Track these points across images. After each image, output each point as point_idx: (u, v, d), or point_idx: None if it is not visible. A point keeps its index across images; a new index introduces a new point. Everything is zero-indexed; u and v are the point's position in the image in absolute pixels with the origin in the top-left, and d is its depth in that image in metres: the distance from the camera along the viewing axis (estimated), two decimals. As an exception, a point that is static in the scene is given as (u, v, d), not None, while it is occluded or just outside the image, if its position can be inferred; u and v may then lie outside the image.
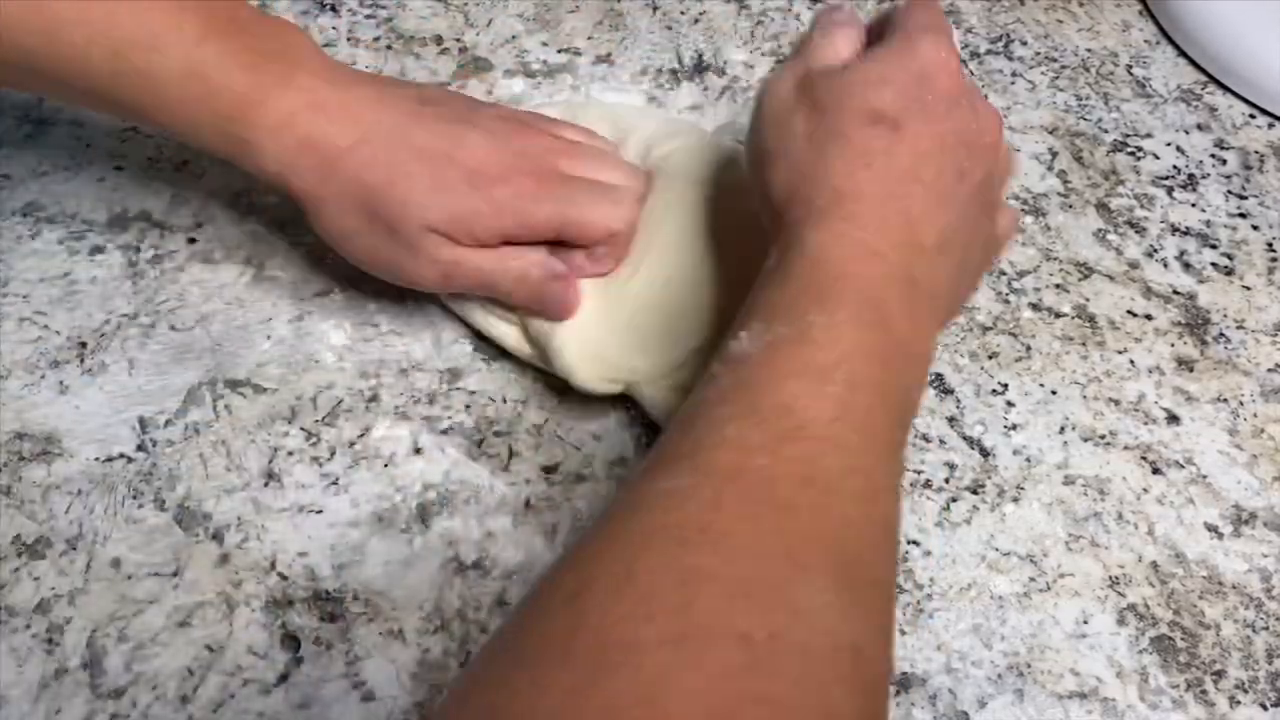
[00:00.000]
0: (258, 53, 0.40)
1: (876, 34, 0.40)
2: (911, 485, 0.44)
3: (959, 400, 0.47)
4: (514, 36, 0.60)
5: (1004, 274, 0.51)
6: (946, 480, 0.45)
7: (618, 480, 0.44)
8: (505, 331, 0.45)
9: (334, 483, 0.43)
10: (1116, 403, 0.47)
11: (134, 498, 0.42)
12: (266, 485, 0.43)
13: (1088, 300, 0.51)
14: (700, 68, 0.59)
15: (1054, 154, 0.57)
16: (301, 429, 0.44)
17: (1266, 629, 0.41)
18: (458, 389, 0.46)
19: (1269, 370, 0.49)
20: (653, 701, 0.24)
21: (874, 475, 0.31)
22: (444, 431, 0.44)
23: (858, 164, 0.35)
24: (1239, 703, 0.40)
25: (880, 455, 0.31)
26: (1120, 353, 0.49)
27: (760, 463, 0.29)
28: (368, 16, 0.60)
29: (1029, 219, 0.54)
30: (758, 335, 0.32)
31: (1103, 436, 0.46)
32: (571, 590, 0.27)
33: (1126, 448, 0.46)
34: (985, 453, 0.46)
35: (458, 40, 0.59)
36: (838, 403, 0.31)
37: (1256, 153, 0.58)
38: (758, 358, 0.32)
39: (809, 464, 0.29)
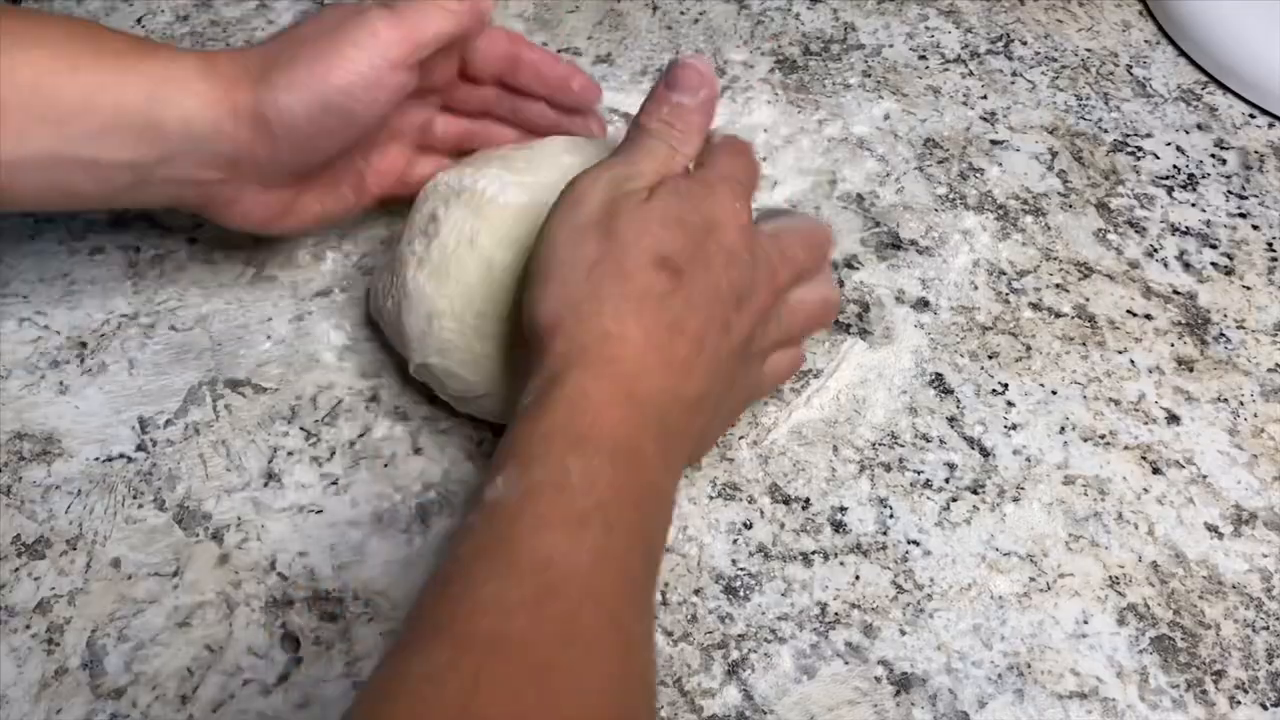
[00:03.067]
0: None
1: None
2: (911, 485, 0.44)
3: (959, 400, 0.47)
4: (514, 36, 0.60)
5: (1004, 274, 0.51)
6: (946, 480, 0.45)
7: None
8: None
9: (334, 483, 0.43)
10: (1116, 403, 0.47)
11: (134, 498, 0.42)
12: (266, 485, 0.43)
13: (1088, 300, 0.51)
14: (700, 68, 0.59)
15: (1054, 154, 0.57)
16: (301, 429, 0.44)
17: (1266, 629, 0.41)
18: (458, 389, 0.46)
19: (1269, 370, 0.49)
20: None
21: (632, 627, 0.31)
22: (444, 431, 0.44)
23: (630, 307, 0.35)
24: (1239, 703, 0.40)
25: (636, 602, 0.32)
26: (1120, 353, 0.49)
27: (520, 625, 0.29)
28: (368, 16, 0.60)
29: (1029, 219, 0.54)
30: (514, 480, 0.31)
31: (1103, 436, 0.46)
32: None
33: (1126, 448, 0.46)
34: (985, 453, 0.46)
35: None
36: (595, 551, 0.31)
37: (1256, 153, 0.58)
38: (515, 506, 0.31)
39: (569, 622, 0.29)
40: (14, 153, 0.37)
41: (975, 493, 0.44)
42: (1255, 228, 0.55)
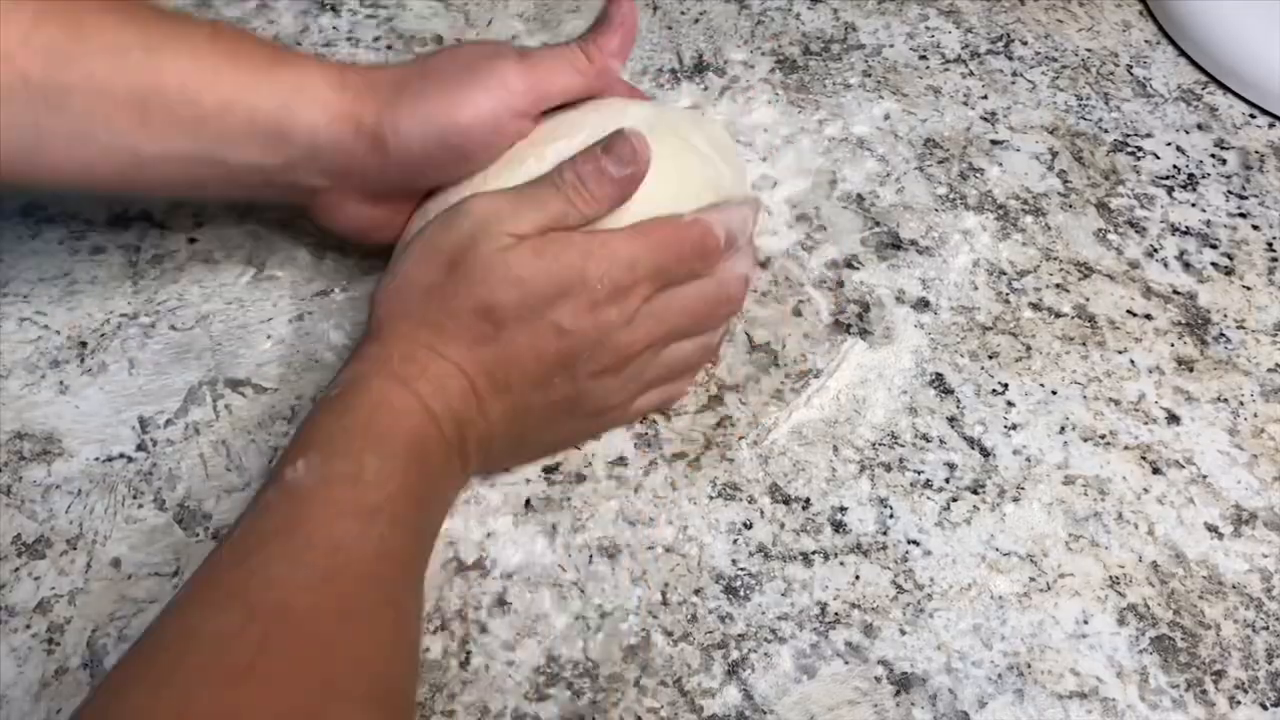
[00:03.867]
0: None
1: None
2: (911, 485, 0.44)
3: (959, 400, 0.47)
4: (514, 36, 0.60)
5: (1004, 274, 0.51)
6: (946, 480, 0.45)
7: (617, 480, 0.44)
8: None
9: (334, 483, 0.43)
10: (1116, 403, 0.47)
11: (134, 497, 0.42)
12: (266, 485, 0.43)
13: (1088, 300, 0.51)
14: (700, 67, 0.59)
15: (1054, 154, 0.57)
16: (301, 429, 0.44)
17: (1266, 629, 0.41)
18: (458, 389, 0.46)
19: (1269, 370, 0.49)
20: None
21: (405, 605, 0.35)
22: (444, 431, 0.44)
23: (445, 339, 0.37)
24: (1239, 703, 0.40)
25: (410, 585, 0.35)
26: (1120, 353, 0.49)
27: (306, 601, 0.32)
28: (368, 16, 0.60)
29: (1029, 219, 0.54)
30: (314, 468, 0.34)
31: (1103, 436, 0.46)
32: None
33: (1126, 448, 0.46)
34: (985, 453, 0.46)
35: (458, 40, 0.59)
36: (380, 542, 0.34)
37: (1256, 153, 0.58)
38: (312, 492, 0.34)
39: (350, 600, 0.33)
40: (154, 150, 0.39)
41: (975, 493, 0.44)
42: (1255, 228, 0.55)
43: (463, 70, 0.41)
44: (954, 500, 0.44)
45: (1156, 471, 0.45)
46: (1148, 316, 0.50)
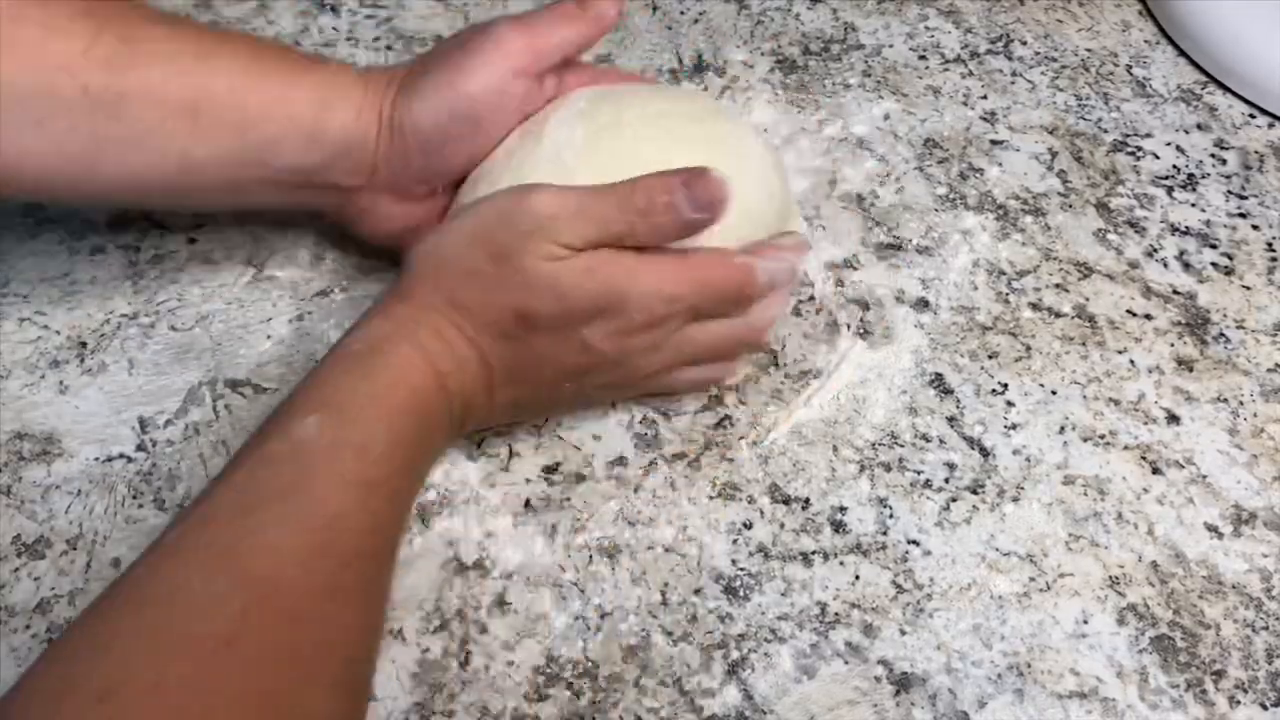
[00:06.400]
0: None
1: None
2: (911, 485, 0.44)
3: (959, 400, 0.47)
4: (514, 36, 0.60)
5: (1004, 274, 0.51)
6: (946, 480, 0.45)
7: (617, 480, 0.44)
8: None
9: (334, 483, 0.43)
10: (1116, 403, 0.47)
11: (134, 498, 0.42)
12: (266, 485, 0.43)
13: (1088, 300, 0.51)
14: (700, 67, 0.59)
15: (1054, 154, 0.57)
16: (301, 429, 0.44)
17: (1266, 629, 0.41)
18: (458, 389, 0.46)
19: (1269, 370, 0.49)
20: None
21: (380, 588, 0.35)
22: (444, 431, 0.44)
23: (475, 326, 0.38)
24: (1239, 703, 0.40)
25: (388, 566, 0.36)
26: (1120, 353, 0.49)
27: (293, 576, 0.32)
28: (368, 16, 0.60)
29: (1029, 219, 0.54)
30: (327, 429, 0.34)
31: (1103, 436, 0.46)
32: (102, 688, 0.28)
33: (1126, 448, 0.46)
34: (985, 453, 0.46)
35: (458, 40, 0.59)
36: (373, 517, 0.34)
37: (1256, 153, 0.58)
38: (321, 455, 0.34)
39: (335, 576, 0.33)
40: (202, 154, 0.40)
41: (975, 493, 0.44)
42: (1255, 228, 0.55)
43: (463, 45, 0.42)
44: (954, 500, 0.44)
45: (1156, 471, 0.45)
46: (1147, 316, 0.50)
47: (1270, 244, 0.54)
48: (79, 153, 0.38)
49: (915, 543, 0.43)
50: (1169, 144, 0.58)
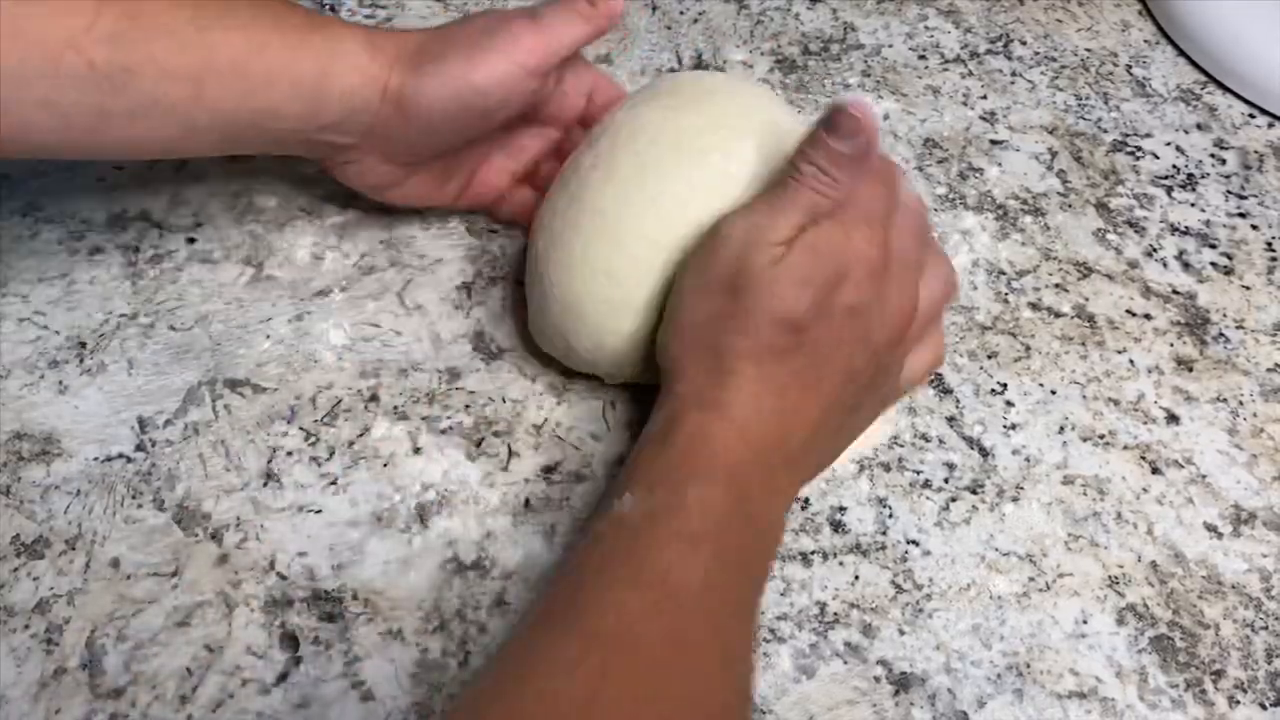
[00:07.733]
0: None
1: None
2: (911, 485, 0.44)
3: (958, 400, 0.47)
4: (513, 36, 0.60)
5: (1003, 274, 0.51)
6: (946, 480, 0.45)
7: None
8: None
9: (333, 483, 0.43)
10: (1116, 403, 0.47)
11: (133, 498, 0.42)
12: (265, 485, 0.43)
13: (1087, 300, 0.51)
14: (700, 67, 0.59)
15: (1054, 154, 0.57)
16: (301, 429, 0.44)
17: (1266, 629, 0.41)
18: (457, 389, 0.46)
19: (1269, 370, 0.49)
20: None
21: (733, 641, 0.35)
22: (443, 431, 0.44)
23: (749, 361, 0.37)
24: (1238, 703, 0.40)
25: (738, 620, 0.35)
26: (1120, 352, 0.49)
27: (640, 628, 0.32)
28: (367, 16, 0.60)
29: (1028, 219, 0.54)
30: (639, 501, 0.35)
31: (1102, 436, 0.46)
32: None
33: (1126, 448, 0.46)
34: (985, 453, 0.46)
35: (457, 40, 0.59)
36: (706, 570, 0.34)
37: (1256, 152, 0.58)
38: (639, 523, 0.35)
39: (679, 630, 0.33)
40: (205, 121, 0.41)
41: (974, 493, 0.44)
42: (1255, 228, 0.55)
43: (478, 34, 0.43)
44: (953, 500, 0.44)
45: (1156, 471, 0.45)
46: (1147, 316, 0.50)
47: (1270, 244, 0.54)
48: (84, 124, 0.38)
49: (915, 543, 0.43)
50: (1169, 144, 0.58)
